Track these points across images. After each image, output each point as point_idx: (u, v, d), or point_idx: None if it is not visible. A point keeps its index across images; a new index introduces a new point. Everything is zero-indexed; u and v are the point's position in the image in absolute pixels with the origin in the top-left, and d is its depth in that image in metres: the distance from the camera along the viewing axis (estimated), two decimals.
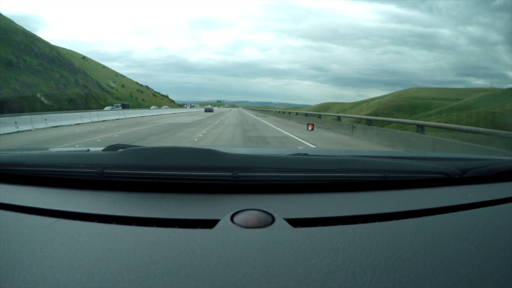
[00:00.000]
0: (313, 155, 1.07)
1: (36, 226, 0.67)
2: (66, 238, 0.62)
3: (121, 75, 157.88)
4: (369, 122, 14.26)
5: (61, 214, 0.72)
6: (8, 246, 0.59)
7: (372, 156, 1.28)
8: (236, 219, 0.69)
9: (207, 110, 59.83)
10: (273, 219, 0.70)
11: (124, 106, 53.10)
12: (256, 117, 35.95)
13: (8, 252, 0.57)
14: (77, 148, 2.91)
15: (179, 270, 0.52)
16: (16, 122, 14.53)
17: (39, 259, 0.55)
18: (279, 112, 43.92)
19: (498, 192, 0.97)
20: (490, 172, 1.07)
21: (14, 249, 0.58)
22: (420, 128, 9.92)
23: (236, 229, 0.66)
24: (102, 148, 1.10)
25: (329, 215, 0.73)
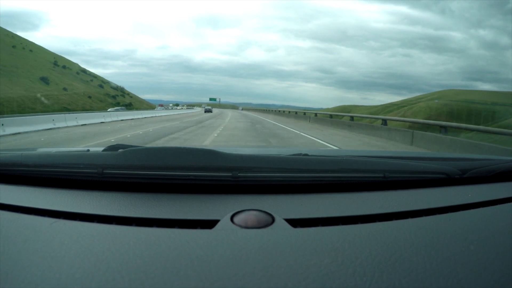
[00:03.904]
0: (313, 155, 1.07)
1: (36, 226, 0.67)
2: (66, 238, 0.62)
3: (35, 46, 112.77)
4: (444, 130, 10.57)
5: (61, 214, 0.72)
6: (8, 246, 0.59)
7: (372, 156, 1.28)
8: (236, 219, 0.70)
9: (206, 111, 58.88)
10: (273, 219, 0.70)
11: None
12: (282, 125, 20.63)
13: (8, 252, 0.57)
14: (77, 148, 2.94)
15: (179, 270, 0.52)
16: None
17: (39, 259, 0.55)
18: (294, 113, 35.42)
19: (498, 192, 0.97)
20: (490, 172, 1.07)
21: (14, 249, 0.58)
22: None
23: (236, 229, 0.66)
24: (102, 148, 1.10)
25: (329, 215, 0.74)
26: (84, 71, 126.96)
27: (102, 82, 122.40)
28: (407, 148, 10.79)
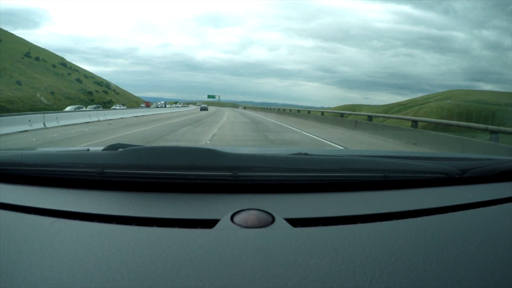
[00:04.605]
0: (313, 155, 1.07)
1: (36, 226, 0.67)
2: (66, 238, 0.62)
3: None
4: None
5: (61, 214, 0.72)
6: (8, 246, 0.59)
7: (372, 156, 1.28)
8: (236, 219, 0.69)
9: (202, 109, 60.56)
10: (273, 219, 0.70)
11: None
12: None
13: (8, 252, 0.57)
14: (77, 147, 2.94)
15: (179, 270, 0.52)
16: None
17: (39, 259, 0.55)
18: (320, 113, 26.80)
19: (498, 192, 0.97)
20: (490, 172, 1.07)
21: (14, 249, 0.58)
22: None
23: (236, 229, 0.66)
24: (102, 148, 1.10)
25: (329, 215, 0.73)
26: (64, 64, 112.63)
27: (84, 77, 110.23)
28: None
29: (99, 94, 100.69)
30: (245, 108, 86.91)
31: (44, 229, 0.66)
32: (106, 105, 74.76)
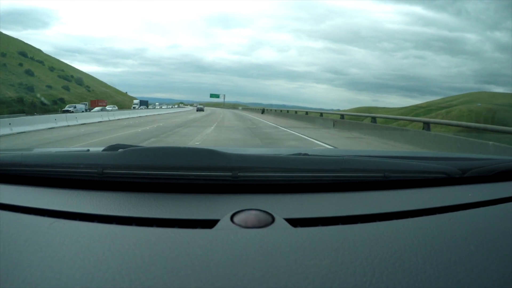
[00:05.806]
0: (313, 155, 1.07)
1: (36, 226, 0.67)
2: (66, 238, 0.62)
3: None
4: None
5: (61, 214, 0.72)
6: (8, 246, 0.59)
7: (372, 156, 1.27)
8: (236, 219, 0.69)
9: (199, 110, 61.98)
10: (273, 219, 0.70)
11: None
12: None
13: (8, 252, 0.57)
14: (77, 148, 2.90)
15: (179, 270, 0.52)
16: None
17: (39, 259, 0.55)
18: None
19: (498, 192, 0.96)
20: (490, 172, 1.07)
21: (14, 249, 0.58)
22: None
23: (236, 229, 0.66)
24: (102, 148, 1.10)
25: (329, 215, 0.73)
26: (24, 53, 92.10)
27: (48, 70, 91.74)
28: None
29: (51, 91, 77.44)
30: (263, 112, 47.40)
31: (44, 229, 0.66)
32: (52, 106, 58.83)
